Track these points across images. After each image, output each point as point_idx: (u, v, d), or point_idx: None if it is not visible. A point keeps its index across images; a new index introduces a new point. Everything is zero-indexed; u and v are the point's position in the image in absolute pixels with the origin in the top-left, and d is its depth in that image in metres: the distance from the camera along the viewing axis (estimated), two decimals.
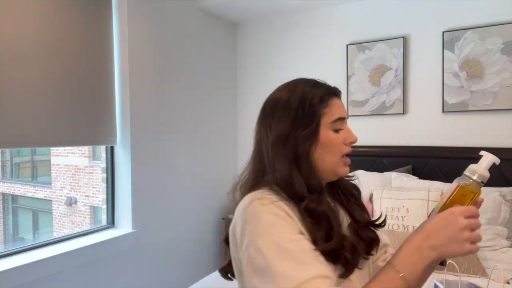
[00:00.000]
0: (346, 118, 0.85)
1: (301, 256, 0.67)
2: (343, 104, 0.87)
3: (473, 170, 0.72)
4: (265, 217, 0.72)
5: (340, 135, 0.83)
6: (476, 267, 1.75)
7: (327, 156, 0.81)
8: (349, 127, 0.85)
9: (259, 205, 0.73)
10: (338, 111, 0.83)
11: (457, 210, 0.68)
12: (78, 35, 1.96)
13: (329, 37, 2.80)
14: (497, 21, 2.24)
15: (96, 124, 2.06)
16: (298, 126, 0.79)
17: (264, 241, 0.69)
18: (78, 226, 6.01)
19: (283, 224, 0.71)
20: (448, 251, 0.66)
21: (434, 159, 2.40)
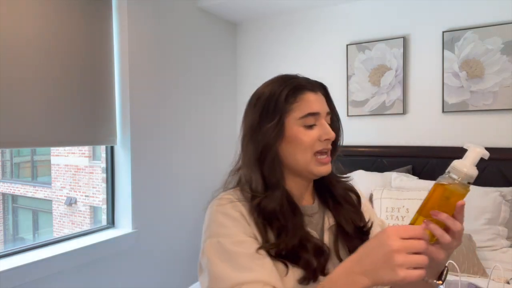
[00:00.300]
0: (320, 113, 0.79)
1: (241, 259, 0.67)
2: (323, 100, 0.82)
3: (458, 168, 0.62)
4: (217, 218, 0.73)
5: (313, 131, 0.78)
6: (476, 267, 1.75)
7: (297, 153, 0.78)
8: (326, 123, 0.80)
9: (216, 205, 0.76)
10: (308, 106, 0.78)
11: (390, 230, 0.58)
12: (78, 35, 1.96)
13: (329, 37, 2.80)
14: (497, 21, 2.24)
15: (96, 124, 2.06)
16: (264, 120, 0.78)
17: (210, 242, 0.71)
18: (78, 226, 6.01)
19: (232, 225, 0.72)
20: (379, 277, 0.56)
21: (434, 159, 2.40)
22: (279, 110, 0.77)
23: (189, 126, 2.65)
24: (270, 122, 0.77)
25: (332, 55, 2.78)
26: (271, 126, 0.77)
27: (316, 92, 0.81)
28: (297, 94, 0.78)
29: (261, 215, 0.74)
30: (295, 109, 0.77)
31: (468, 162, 0.63)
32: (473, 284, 1.28)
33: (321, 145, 0.78)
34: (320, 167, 0.79)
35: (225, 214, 0.73)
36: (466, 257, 1.77)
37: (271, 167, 0.77)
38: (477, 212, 2.01)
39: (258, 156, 0.78)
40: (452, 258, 1.73)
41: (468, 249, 1.81)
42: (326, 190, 0.86)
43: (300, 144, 0.77)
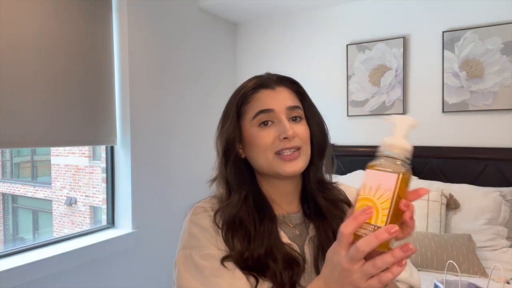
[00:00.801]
0: (275, 109, 0.73)
1: (208, 274, 0.66)
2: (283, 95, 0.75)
3: (391, 144, 0.53)
4: (190, 229, 0.72)
5: (269, 130, 0.72)
6: (476, 267, 1.75)
7: (257, 155, 0.73)
8: (284, 120, 0.72)
9: (190, 214, 0.75)
10: (259, 104, 0.74)
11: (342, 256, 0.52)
12: (78, 35, 1.96)
13: (329, 37, 2.80)
14: (497, 21, 2.24)
15: (96, 124, 2.06)
16: (223, 124, 0.78)
17: (182, 254, 0.70)
18: (78, 226, 6.01)
19: (203, 236, 0.70)
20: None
21: (434, 159, 2.40)
22: (232, 113, 0.76)
23: (189, 126, 2.65)
24: (226, 124, 0.76)
25: (332, 55, 2.78)
26: (225, 128, 0.76)
27: (274, 88, 0.75)
28: (251, 94, 0.76)
29: (224, 224, 0.71)
30: (248, 110, 0.75)
31: (400, 135, 0.54)
32: (473, 284, 1.28)
33: (281, 144, 0.71)
34: (284, 165, 0.71)
35: (196, 225, 0.72)
36: (466, 257, 1.77)
37: (233, 171, 0.75)
38: (477, 212, 2.01)
39: (221, 161, 0.76)
40: (452, 258, 1.73)
41: (468, 249, 1.81)
42: (311, 199, 0.79)
43: (257, 145, 0.73)
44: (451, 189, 2.11)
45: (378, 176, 0.52)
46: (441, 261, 1.76)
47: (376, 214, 0.50)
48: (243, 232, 0.70)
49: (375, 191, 0.51)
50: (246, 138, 0.75)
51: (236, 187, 0.74)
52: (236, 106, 0.76)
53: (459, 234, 1.91)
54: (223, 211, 0.72)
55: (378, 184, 0.51)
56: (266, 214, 0.73)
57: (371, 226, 0.49)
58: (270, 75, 0.79)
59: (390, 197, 0.49)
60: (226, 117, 0.77)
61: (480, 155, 2.27)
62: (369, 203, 0.51)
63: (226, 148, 0.75)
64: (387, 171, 0.51)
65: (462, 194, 2.08)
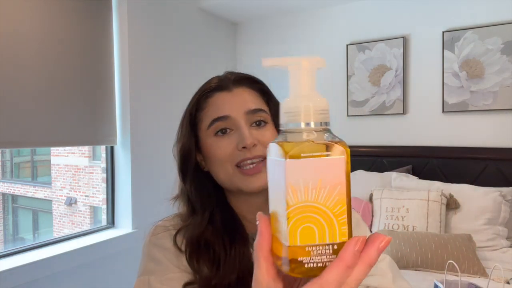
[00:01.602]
0: (231, 116, 0.63)
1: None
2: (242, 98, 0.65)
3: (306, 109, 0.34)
4: (149, 251, 0.65)
5: (228, 138, 0.63)
6: (476, 267, 1.75)
7: (217, 168, 0.64)
8: (243, 127, 0.62)
9: (150, 235, 0.67)
10: (214, 111, 0.64)
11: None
12: (78, 35, 1.96)
13: (329, 37, 2.80)
14: (497, 21, 2.24)
15: (96, 124, 2.06)
16: (179, 132, 0.69)
17: (140, 280, 0.63)
18: (78, 226, 6.01)
19: (165, 258, 0.62)
20: None
21: (434, 159, 2.40)
22: (187, 122, 0.67)
23: None
24: (181, 136, 0.67)
25: (332, 55, 2.78)
26: (182, 136, 0.67)
27: (231, 90, 0.65)
28: (205, 99, 0.66)
29: (187, 246, 0.63)
30: (203, 118, 0.65)
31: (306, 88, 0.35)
32: (473, 284, 1.28)
33: (240, 155, 0.61)
34: (247, 180, 0.61)
35: (156, 246, 0.64)
36: (466, 257, 1.77)
37: (194, 187, 0.66)
38: (477, 212, 2.01)
39: (179, 174, 0.68)
40: (452, 258, 1.73)
41: (468, 249, 1.81)
42: None
43: (215, 158, 0.63)
44: (451, 189, 2.11)
45: (311, 168, 0.31)
46: (441, 261, 1.76)
47: (330, 227, 0.31)
48: (210, 255, 0.61)
49: (316, 193, 0.31)
50: (204, 150, 0.66)
51: (199, 204, 0.65)
52: (189, 113, 0.67)
53: (459, 234, 1.90)
54: (186, 230, 0.64)
55: (317, 181, 0.31)
56: (237, 234, 0.64)
57: (328, 247, 0.31)
58: (229, 74, 0.69)
59: (343, 195, 0.32)
60: (182, 125, 0.68)
61: (480, 155, 2.27)
62: (313, 214, 0.31)
63: (182, 161, 0.66)
64: (323, 156, 0.31)
65: (462, 194, 2.08)
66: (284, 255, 0.31)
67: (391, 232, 1.98)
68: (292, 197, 0.31)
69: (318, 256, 0.32)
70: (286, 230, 0.31)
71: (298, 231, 0.31)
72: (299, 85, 0.35)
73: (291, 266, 0.31)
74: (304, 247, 0.31)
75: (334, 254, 0.31)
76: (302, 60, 0.35)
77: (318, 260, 0.32)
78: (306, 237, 0.31)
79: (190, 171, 0.66)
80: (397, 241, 1.85)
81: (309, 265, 0.31)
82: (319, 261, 0.32)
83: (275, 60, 0.34)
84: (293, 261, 0.31)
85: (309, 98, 0.35)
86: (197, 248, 0.62)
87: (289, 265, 0.31)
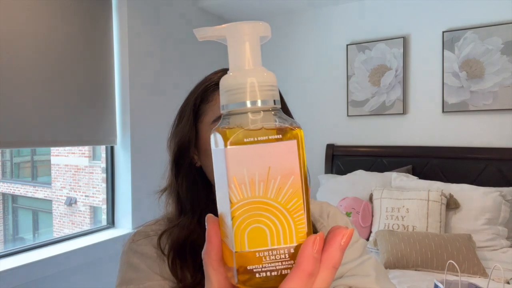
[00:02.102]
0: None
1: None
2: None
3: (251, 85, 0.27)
4: (128, 259, 0.61)
5: None
6: (476, 267, 1.75)
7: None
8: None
9: (129, 242, 0.63)
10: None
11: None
12: (78, 35, 1.96)
13: (329, 37, 2.80)
14: (497, 21, 2.24)
15: (96, 124, 2.06)
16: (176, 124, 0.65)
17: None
18: (78, 226, 6.01)
19: (145, 266, 0.59)
20: None
21: (434, 159, 2.40)
22: (187, 111, 0.64)
23: None
24: (181, 124, 0.64)
25: (332, 55, 2.78)
26: (178, 130, 0.64)
27: None
28: (212, 92, 0.63)
29: (171, 250, 0.59)
30: (208, 111, 0.62)
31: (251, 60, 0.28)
32: (473, 284, 1.28)
33: None
34: None
35: (135, 252, 0.60)
36: (466, 257, 1.77)
37: (185, 185, 0.62)
38: (477, 212, 2.01)
39: (172, 169, 0.64)
40: (452, 258, 1.73)
41: (468, 249, 1.81)
42: None
43: None
44: (451, 189, 2.11)
45: (257, 155, 0.26)
46: (441, 261, 1.76)
47: (283, 227, 0.26)
48: (195, 261, 0.58)
49: (265, 186, 0.26)
50: (202, 144, 0.62)
51: (189, 203, 0.62)
52: (193, 104, 0.63)
53: (459, 234, 1.90)
54: (171, 233, 0.60)
55: (265, 171, 0.26)
56: None
57: (283, 251, 0.26)
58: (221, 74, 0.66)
59: (298, 187, 0.26)
60: (182, 115, 0.65)
61: (480, 155, 2.27)
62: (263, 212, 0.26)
63: (178, 154, 0.63)
64: (272, 141, 0.26)
65: (462, 194, 2.08)
66: (232, 264, 0.26)
67: (391, 232, 1.98)
68: (236, 192, 0.26)
69: (272, 263, 0.26)
70: (231, 234, 0.26)
71: (246, 234, 0.26)
72: (240, 57, 0.28)
73: (240, 277, 0.26)
74: (254, 253, 0.26)
75: (291, 259, 0.26)
76: (241, 26, 0.28)
77: (272, 268, 0.26)
78: (255, 240, 0.26)
79: (185, 165, 0.63)
80: (397, 241, 1.85)
81: (262, 274, 0.26)
82: (273, 269, 0.26)
83: (208, 30, 0.28)
84: (242, 271, 0.26)
85: (253, 73, 0.27)
86: (181, 252, 0.58)
87: (237, 275, 0.26)
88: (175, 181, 0.63)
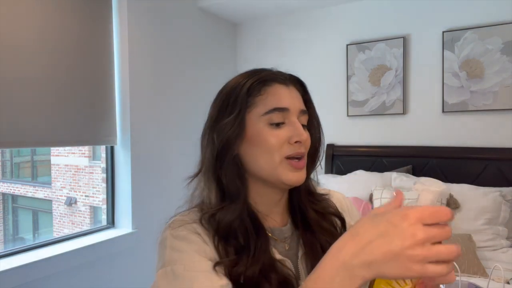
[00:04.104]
0: (290, 109, 0.65)
1: (197, 283, 0.57)
2: (297, 96, 0.68)
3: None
4: (170, 242, 0.62)
5: (281, 131, 0.64)
6: (476, 267, 1.75)
7: (261, 156, 0.64)
8: (298, 123, 0.65)
9: (168, 229, 0.65)
10: (275, 100, 0.65)
11: (412, 213, 0.43)
12: (78, 35, 1.96)
13: (329, 37, 2.80)
14: (497, 21, 2.24)
15: (96, 124, 2.06)
16: (222, 116, 0.66)
17: (162, 272, 0.60)
18: (78, 226, 6.01)
19: (188, 247, 0.61)
20: (387, 271, 0.43)
21: (434, 159, 2.40)
22: (239, 104, 0.65)
23: (189, 125, 2.65)
24: (227, 117, 0.65)
25: (332, 55, 2.78)
26: (228, 121, 0.64)
27: (288, 86, 0.68)
28: (262, 86, 0.66)
29: (217, 231, 0.62)
30: (259, 103, 0.65)
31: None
32: (473, 284, 1.28)
33: (292, 149, 0.64)
34: (291, 173, 0.64)
35: (177, 237, 0.62)
36: (466, 257, 1.77)
37: (229, 173, 0.65)
38: (477, 212, 2.01)
39: (215, 159, 0.65)
40: None
41: (468, 249, 1.81)
42: (299, 210, 0.71)
43: (264, 145, 0.64)
44: (451, 189, 2.11)
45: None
46: None
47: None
48: (237, 244, 0.62)
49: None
50: (249, 134, 0.65)
51: (235, 190, 0.64)
52: (245, 96, 0.65)
53: (459, 234, 1.90)
54: (212, 215, 0.63)
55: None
56: (259, 227, 0.65)
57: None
58: (279, 71, 0.70)
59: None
60: (230, 107, 0.66)
61: (480, 155, 2.27)
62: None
63: (225, 145, 0.65)
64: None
65: (462, 194, 2.08)
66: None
67: None
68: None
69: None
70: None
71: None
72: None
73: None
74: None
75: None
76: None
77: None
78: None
79: (230, 156, 0.65)
80: None
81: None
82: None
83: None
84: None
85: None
86: (225, 234, 0.62)
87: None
88: (219, 169, 0.65)
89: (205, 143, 0.68)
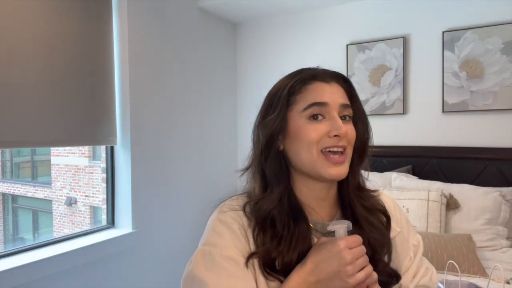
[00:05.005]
0: (329, 104, 0.68)
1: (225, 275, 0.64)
2: (338, 91, 0.71)
3: None
4: (215, 226, 0.70)
5: (320, 125, 0.68)
6: (476, 267, 1.75)
7: (301, 150, 0.69)
8: (337, 117, 0.68)
9: (217, 212, 0.72)
10: (313, 96, 0.69)
11: (341, 243, 0.61)
12: (78, 35, 1.96)
13: (329, 37, 2.80)
14: (497, 21, 2.24)
15: (96, 124, 2.06)
16: (267, 114, 0.72)
17: (201, 249, 0.69)
18: (78, 226, 6.01)
19: (229, 237, 0.67)
20: (333, 286, 0.61)
21: (434, 159, 2.40)
22: (281, 102, 0.70)
23: (189, 126, 2.65)
24: (271, 115, 0.70)
25: (332, 55, 2.78)
26: (271, 118, 0.70)
27: (329, 82, 0.71)
28: (303, 85, 0.70)
29: (257, 220, 0.68)
30: (299, 101, 0.69)
31: None
32: (473, 284, 1.28)
33: (330, 142, 0.67)
34: (330, 167, 0.67)
35: (223, 223, 0.69)
36: (466, 257, 1.77)
37: (272, 167, 0.70)
38: (477, 212, 2.01)
39: (260, 153, 0.71)
40: (452, 258, 1.73)
41: (468, 249, 1.81)
42: (347, 205, 0.75)
43: (303, 139, 0.68)
44: (451, 189, 2.11)
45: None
46: (441, 261, 1.76)
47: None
48: (272, 232, 0.67)
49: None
50: (291, 130, 0.69)
51: (276, 182, 0.70)
52: (288, 94, 0.70)
53: (459, 234, 1.90)
54: (255, 203, 0.69)
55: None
56: (300, 217, 0.68)
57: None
58: (322, 69, 0.75)
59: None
60: (273, 105, 0.71)
61: (480, 155, 2.27)
62: None
63: (269, 140, 0.70)
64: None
65: (462, 194, 2.08)
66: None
67: None
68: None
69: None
70: None
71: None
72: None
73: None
74: None
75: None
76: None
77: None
78: None
79: (274, 150, 0.71)
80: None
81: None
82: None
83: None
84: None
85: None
86: (263, 223, 0.67)
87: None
88: (263, 163, 0.71)
89: (254, 139, 0.74)
